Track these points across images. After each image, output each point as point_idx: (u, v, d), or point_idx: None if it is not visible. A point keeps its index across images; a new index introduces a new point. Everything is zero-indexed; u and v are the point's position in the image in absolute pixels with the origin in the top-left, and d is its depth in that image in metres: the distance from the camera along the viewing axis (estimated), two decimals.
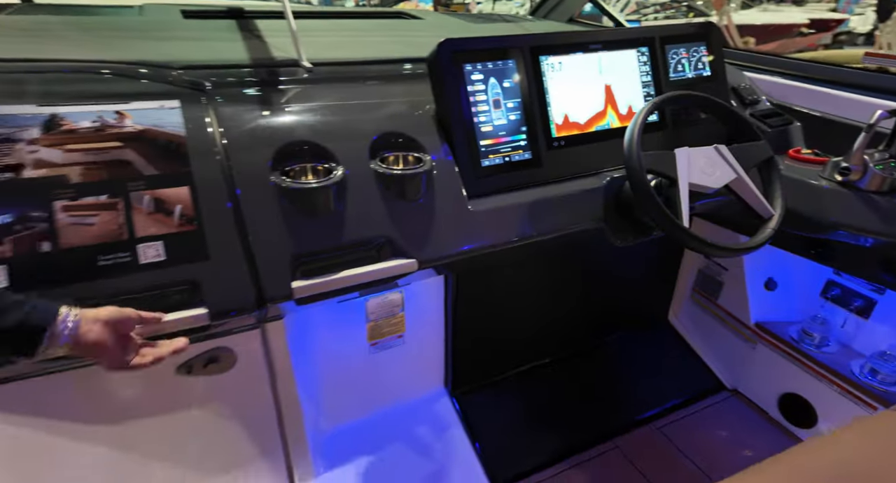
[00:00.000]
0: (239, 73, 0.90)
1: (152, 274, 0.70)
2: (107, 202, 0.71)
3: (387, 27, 1.41)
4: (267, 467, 1.01)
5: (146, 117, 0.78)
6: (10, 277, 0.63)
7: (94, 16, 1.27)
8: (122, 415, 0.83)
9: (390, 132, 0.87)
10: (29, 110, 0.73)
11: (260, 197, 0.77)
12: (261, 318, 0.84)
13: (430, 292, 1.18)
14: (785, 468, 0.61)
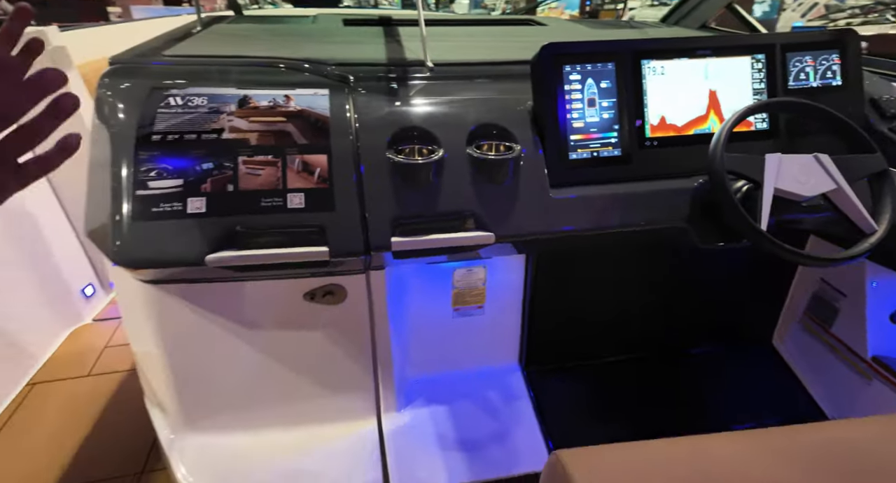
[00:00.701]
0: (375, 69, 1.11)
1: (294, 216, 0.93)
2: (271, 160, 0.96)
3: (510, 33, 1.54)
4: (360, 392, 1.23)
5: (304, 101, 1.02)
6: (207, 205, 0.91)
7: (282, 23, 1.61)
8: (264, 322, 1.09)
9: (488, 123, 1.01)
10: (230, 91, 1.01)
11: (376, 167, 0.96)
12: (367, 265, 1.05)
13: (512, 271, 1.30)
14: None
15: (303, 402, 1.20)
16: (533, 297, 1.33)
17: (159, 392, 1.17)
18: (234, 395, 1.16)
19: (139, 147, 0.91)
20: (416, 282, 1.25)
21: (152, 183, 0.89)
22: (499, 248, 1.07)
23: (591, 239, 1.09)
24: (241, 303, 1.06)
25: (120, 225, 0.87)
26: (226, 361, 1.11)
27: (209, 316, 1.05)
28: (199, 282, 1.00)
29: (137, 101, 0.95)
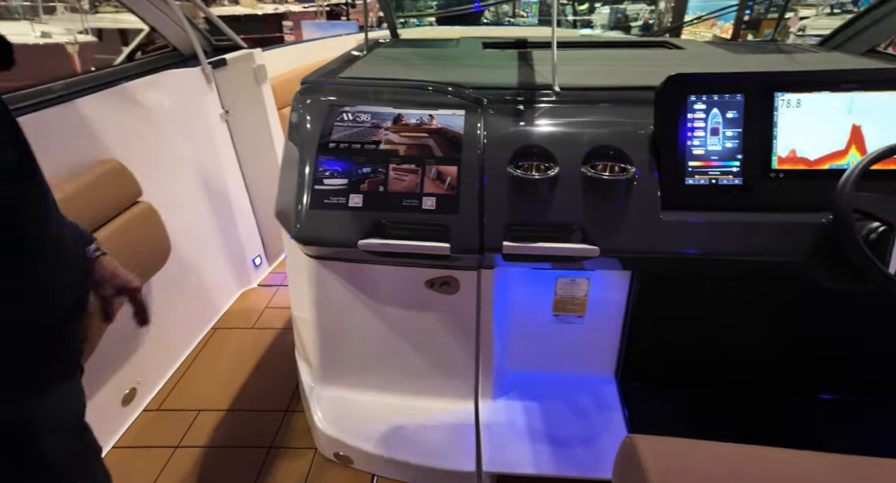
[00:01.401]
0: (507, 93, 1.26)
1: (426, 215, 1.12)
2: (413, 169, 1.17)
3: (642, 57, 1.58)
4: (461, 376, 1.39)
5: (444, 120, 1.21)
6: (363, 201, 1.14)
7: (430, 47, 1.85)
8: (391, 302, 1.31)
9: (605, 145, 1.10)
10: (388, 110, 1.24)
11: (497, 179, 1.11)
12: (479, 263, 1.20)
13: (615, 286, 1.35)
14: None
15: (413, 375, 1.40)
16: (635, 314, 1.37)
17: (307, 348, 1.46)
18: (361, 359, 1.40)
19: (319, 152, 1.17)
20: (521, 284, 1.37)
21: (326, 180, 1.15)
22: (603, 261, 1.14)
23: (703, 263, 1.11)
24: (376, 283, 1.28)
25: (301, 211, 1.14)
26: (359, 330, 1.35)
27: (352, 291, 1.30)
28: (349, 261, 1.24)
29: (320, 115, 1.22)
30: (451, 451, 1.30)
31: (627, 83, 1.24)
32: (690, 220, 1.07)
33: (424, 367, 1.39)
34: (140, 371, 1.60)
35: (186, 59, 1.90)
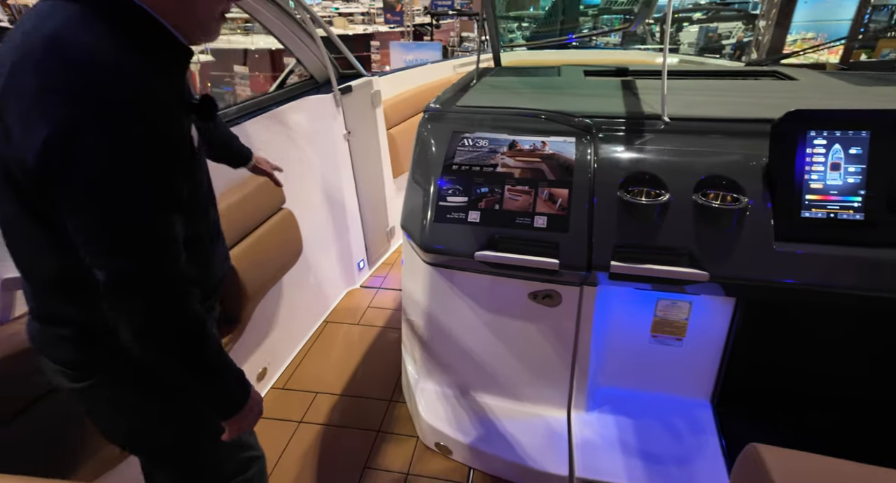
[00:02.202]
0: (616, 122, 1.34)
1: (537, 233, 1.23)
2: (527, 190, 1.29)
3: (752, 88, 1.58)
4: (556, 385, 1.47)
5: (556, 146, 1.32)
6: (480, 217, 1.28)
7: (534, 76, 1.97)
8: (496, 310, 1.43)
9: (717, 175, 1.14)
10: (504, 136, 1.38)
11: (607, 203, 1.20)
12: (583, 280, 1.29)
13: (717, 311, 1.37)
14: None
15: (511, 379, 1.50)
16: (737, 340, 1.37)
17: (414, 343, 1.63)
18: (464, 359, 1.53)
19: (444, 173, 1.33)
20: (621, 302, 1.43)
21: (449, 198, 1.31)
22: (707, 287, 1.18)
23: (817, 295, 1.12)
24: (483, 291, 1.41)
25: (426, 223, 1.30)
26: (464, 333, 1.49)
27: (461, 296, 1.44)
28: (463, 270, 1.38)
29: (443, 140, 1.39)
30: (545, 455, 1.38)
31: (739, 115, 1.27)
32: (805, 253, 1.08)
33: (522, 374, 1.49)
34: (270, 354, 1.86)
35: (320, 85, 2.19)
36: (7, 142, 0.61)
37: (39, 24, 0.61)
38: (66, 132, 0.58)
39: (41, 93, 0.58)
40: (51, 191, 0.61)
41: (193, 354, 0.72)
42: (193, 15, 0.69)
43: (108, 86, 0.59)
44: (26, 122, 0.59)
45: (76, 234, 0.63)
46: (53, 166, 0.59)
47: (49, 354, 0.78)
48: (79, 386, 0.78)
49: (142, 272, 0.64)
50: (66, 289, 0.72)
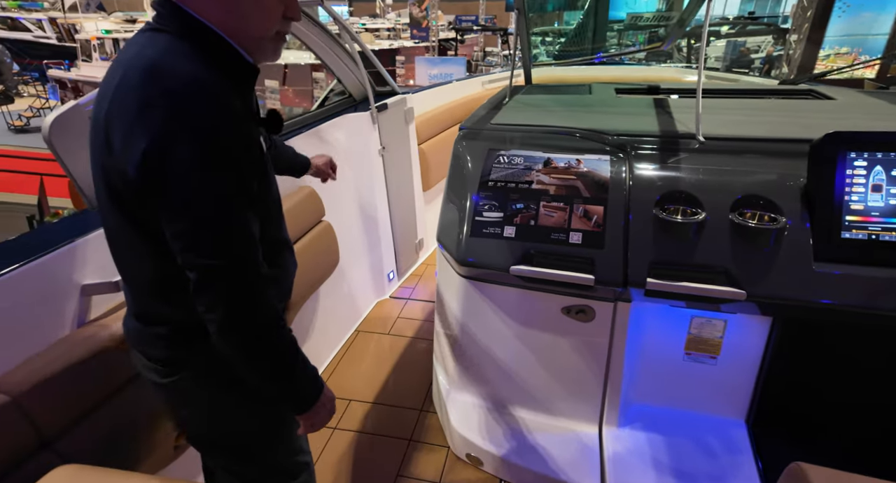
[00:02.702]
0: (650, 140, 1.37)
1: (573, 249, 1.26)
2: (562, 207, 1.32)
3: (788, 107, 1.58)
4: (588, 401, 1.48)
5: (590, 164, 1.36)
6: (516, 233, 1.31)
7: (565, 94, 2.01)
8: (529, 323, 1.46)
9: (754, 194, 1.16)
10: (538, 154, 1.42)
11: (642, 221, 1.22)
12: (616, 296, 1.31)
13: (753, 330, 1.36)
14: None
15: (543, 393, 1.52)
16: (773, 360, 1.36)
17: (446, 354, 1.66)
18: (496, 371, 1.56)
19: (480, 189, 1.38)
20: (655, 319, 1.44)
21: (485, 213, 1.35)
22: (742, 305, 1.19)
23: (857, 316, 1.11)
24: (517, 304, 1.44)
25: (462, 237, 1.34)
26: (497, 345, 1.52)
27: (495, 309, 1.47)
28: (496, 284, 1.42)
29: (479, 157, 1.43)
30: (576, 469, 1.39)
31: (776, 135, 1.29)
32: (845, 274, 1.08)
33: (554, 387, 1.50)
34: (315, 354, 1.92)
35: (358, 103, 2.28)
36: (110, 155, 0.70)
37: (139, 52, 0.71)
38: (163, 144, 0.66)
39: (141, 110, 0.66)
40: (149, 200, 0.70)
41: (271, 348, 0.78)
42: (248, 34, 0.76)
43: (197, 102, 0.67)
44: (128, 137, 0.67)
45: (172, 238, 0.71)
46: (152, 175, 0.67)
47: (143, 351, 0.86)
48: (167, 381, 0.85)
49: (228, 269, 0.71)
50: (162, 291, 0.80)
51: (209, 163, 0.68)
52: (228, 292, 0.72)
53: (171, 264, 0.73)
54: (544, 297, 1.40)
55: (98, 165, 0.74)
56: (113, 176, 0.71)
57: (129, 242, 0.78)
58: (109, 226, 0.80)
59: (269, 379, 0.80)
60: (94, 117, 0.74)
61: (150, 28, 0.74)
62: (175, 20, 0.72)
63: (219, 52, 0.74)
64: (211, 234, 0.70)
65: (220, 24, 0.74)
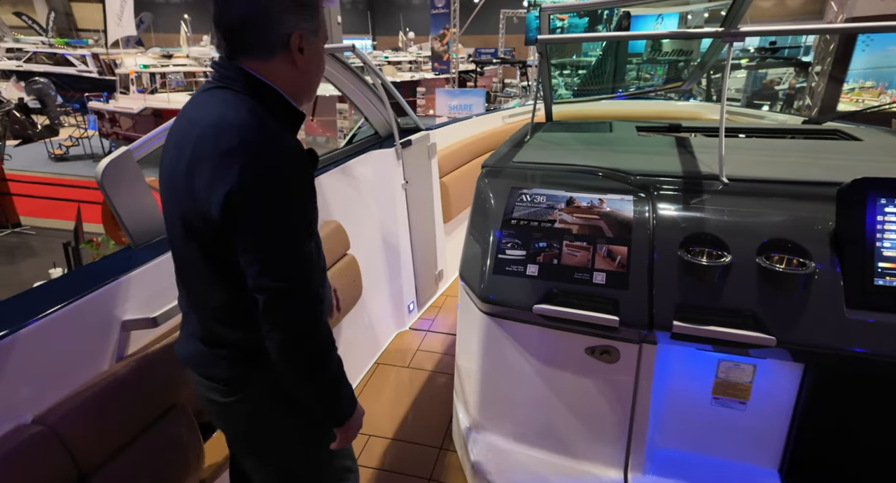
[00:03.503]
0: (673, 181, 1.38)
1: (596, 289, 1.26)
2: (585, 246, 1.33)
3: (814, 148, 1.57)
4: (613, 444, 1.44)
5: (613, 204, 1.37)
6: (539, 271, 1.32)
7: (586, 131, 2.04)
8: (551, 363, 1.44)
9: (780, 238, 1.15)
10: (561, 193, 1.44)
11: (667, 262, 1.22)
12: (641, 338, 1.29)
13: (784, 376, 1.32)
14: None
15: (566, 435, 1.49)
16: (807, 408, 1.31)
17: (467, 392, 1.65)
18: (518, 411, 1.54)
19: (503, 227, 1.40)
20: (681, 362, 1.41)
21: (508, 251, 1.37)
22: (774, 351, 1.16)
23: (892, 367, 1.08)
24: (539, 343, 1.44)
25: (485, 274, 1.36)
26: (519, 384, 1.50)
27: (517, 348, 1.46)
28: (519, 321, 1.42)
29: (502, 195, 1.46)
30: None
31: (802, 177, 1.28)
32: (880, 322, 1.05)
33: (578, 430, 1.47)
34: None
35: (383, 140, 2.35)
36: (194, 201, 0.82)
37: (215, 111, 0.83)
38: (244, 186, 0.78)
39: (222, 159, 0.78)
40: (225, 235, 0.81)
41: (327, 363, 0.88)
42: (310, 89, 0.93)
43: (268, 150, 0.80)
44: (211, 183, 0.79)
45: (247, 265, 0.81)
46: (232, 214, 0.79)
47: (206, 372, 0.94)
48: (229, 400, 0.93)
49: (295, 291, 0.82)
50: (230, 316, 0.90)
51: (282, 201, 0.80)
52: (295, 311, 0.83)
53: (238, 292, 0.85)
54: (568, 337, 1.39)
55: (177, 208, 0.85)
56: (194, 217, 0.82)
57: (203, 273, 0.88)
58: (185, 257, 0.90)
59: (319, 393, 0.89)
60: (170, 169, 0.86)
61: (216, 86, 0.86)
62: (240, 80, 0.85)
63: (277, 105, 0.87)
64: (282, 260, 0.81)
65: (287, 86, 0.88)
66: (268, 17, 0.83)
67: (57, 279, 1.05)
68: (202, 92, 0.87)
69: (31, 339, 0.91)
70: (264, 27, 0.83)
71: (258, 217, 0.79)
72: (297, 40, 0.86)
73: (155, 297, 1.11)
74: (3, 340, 0.86)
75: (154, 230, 1.20)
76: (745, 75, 8.61)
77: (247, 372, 0.92)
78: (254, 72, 0.85)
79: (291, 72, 0.88)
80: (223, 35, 0.85)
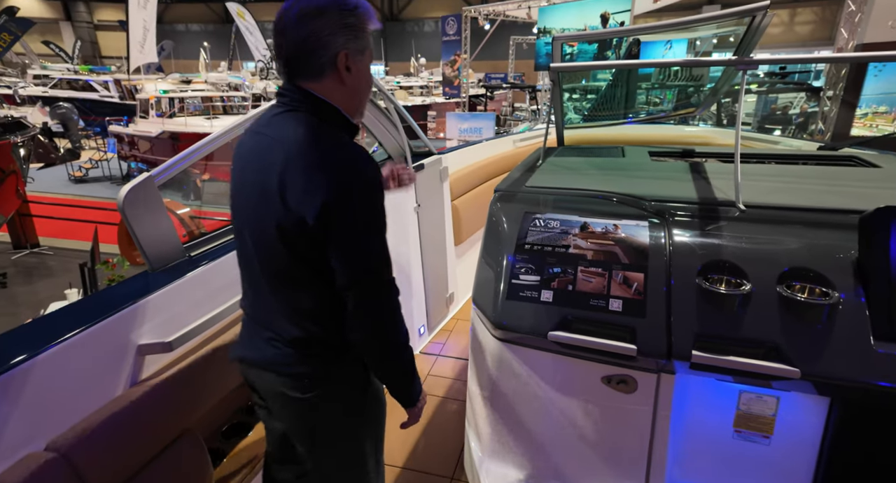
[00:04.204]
0: (689, 207, 1.36)
1: (613, 316, 1.24)
2: (600, 272, 1.32)
3: (831, 175, 1.56)
4: (630, 477, 1.39)
5: (629, 230, 1.36)
6: (553, 297, 1.31)
7: (598, 156, 2.05)
8: (566, 391, 1.41)
9: (802, 267, 1.13)
10: (575, 218, 1.43)
11: (685, 290, 1.20)
12: (660, 367, 1.26)
13: (809, 410, 1.28)
14: None
15: (582, 467, 1.44)
16: (834, 442, 1.26)
17: (479, 419, 1.61)
18: (532, 441, 1.49)
19: (516, 251, 1.39)
20: (700, 392, 1.37)
21: (522, 276, 1.36)
22: (798, 384, 1.12)
23: None
24: (554, 371, 1.41)
25: (498, 300, 1.34)
26: (533, 413, 1.47)
27: (531, 375, 1.44)
28: (533, 348, 1.39)
29: (515, 220, 1.46)
30: None
31: (821, 204, 1.27)
32: None
33: (594, 461, 1.43)
34: None
35: None
36: (287, 212, 0.92)
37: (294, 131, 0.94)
38: (339, 194, 0.90)
39: (312, 173, 0.90)
40: (319, 241, 0.92)
41: (405, 350, 1.02)
42: (361, 105, 1.06)
43: (352, 162, 0.92)
44: (305, 194, 0.90)
45: (341, 264, 0.93)
46: (328, 219, 0.90)
47: (290, 371, 1.03)
48: (308, 395, 1.03)
49: (382, 281, 0.97)
50: (318, 316, 1.01)
51: (369, 206, 0.93)
52: (384, 300, 0.97)
53: (327, 293, 0.97)
54: (583, 365, 1.36)
55: (269, 220, 0.94)
56: (289, 227, 0.92)
57: (294, 278, 0.98)
58: (278, 265, 0.99)
59: (403, 371, 1.04)
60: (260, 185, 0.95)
61: (286, 110, 0.97)
62: (307, 102, 0.97)
63: (338, 121, 0.99)
64: (371, 256, 0.95)
65: (340, 102, 0.99)
66: (317, 40, 0.92)
67: (76, 303, 1.06)
68: (275, 115, 0.99)
69: (48, 364, 0.91)
70: (315, 49, 0.93)
71: (351, 220, 0.92)
72: (343, 59, 0.95)
73: (171, 320, 1.11)
74: (20, 367, 0.87)
75: (171, 254, 1.21)
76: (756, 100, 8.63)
77: (329, 369, 1.03)
78: (318, 94, 0.97)
79: (342, 89, 0.98)
80: (283, 61, 0.96)
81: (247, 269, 1.06)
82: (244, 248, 1.03)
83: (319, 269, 0.94)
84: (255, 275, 1.03)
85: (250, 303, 1.07)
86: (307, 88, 0.96)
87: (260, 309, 1.05)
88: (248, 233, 1.00)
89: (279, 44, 0.95)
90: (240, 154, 1.01)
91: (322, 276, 0.95)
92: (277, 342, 1.02)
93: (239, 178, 1.01)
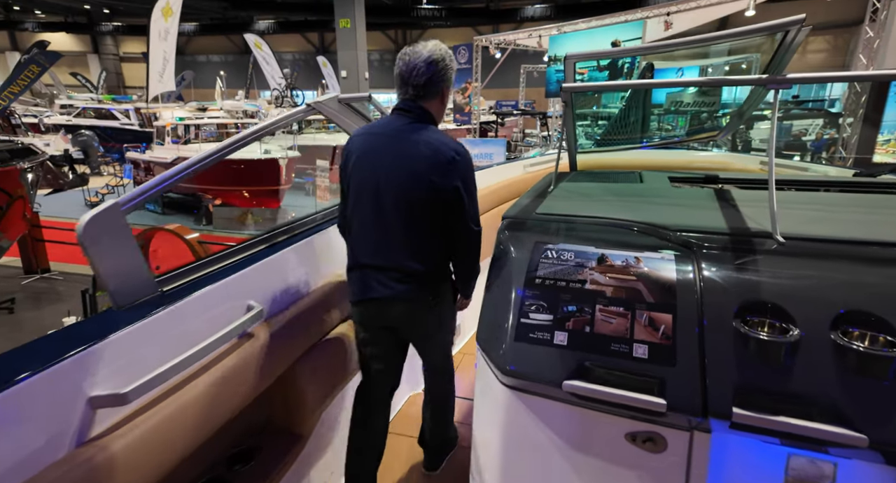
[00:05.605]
0: (719, 238, 1.21)
1: (637, 365, 1.08)
2: (622, 312, 1.16)
3: (872, 204, 1.41)
4: None
5: (652, 263, 1.21)
6: (568, 340, 1.15)
7: (613, 181, 1.92)
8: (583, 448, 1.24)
9: (863, 311, 0.96)
10: (591, 249, 1.29)
11: (721, 334, 1.03)
12: (693, 425, 1.09)
13: (874, 479, 1.09)
14: None
15: None
16: None
17: (485, 471, 1.43)
18: None
19: (526, 286, 1.24)
20: (740, 453, 1.18)
21: (532, 315, 1.20)
22: (862, 451, 0.94)
23: None
24: (570, 424, 1.23)
25: (505, 342, 1.19)
26: (545, 469, 1.28)
27: (543, 429, 1.26)
28: (544, 397, 1.23)
29: (524, 250, 1.31)
30: None
31: (870, 237, 1.11)
32: None
33: None
34: (331, 468, 1.72)
35: None
36: (434, 191, 1.45)
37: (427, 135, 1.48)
38: (464, 178, 1.49)
39: (449, 165, 1.46)
40: (448, 208, 1.48)
41: (478, 266, 1.64)
42: (441, 116, 1.60)
43: (466, 156, 1.51)
44: (446, 179, 1.45)
45: (459, 220, 1.50)
46: (458, 194, 1.47)
47: (419, 296, 1.55)
48: (435, 308, 1.60)
49: (479, 229, 1.56)
50: (436, 255, 1.55)
51: (475, 182, 1.54)
52: (478, 242, 1.57)
53: (439, 240, 1.53)
54: (604, 420, 1.19)
55: (416, 193, 1.46)
56: (434, 199, 1.46)
57: (425, 233, 1.51)
58: (416, 224, 1.49)
59: (472, 281, 1.66)
60: (408, 169, 1.46)
61: (413, 120, 1.50)
62: (424, 116, 1.52)
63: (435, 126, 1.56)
64: (477, 216, 1.55)
65: (437, 115, 1.56)
66: (438, 76, 1.49)
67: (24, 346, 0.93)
68: (406, 124, 1.49)
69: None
70: (436, 83, 1.50)
71: (470, 194, 1.50)
72: (446, 90, 1.54)
73: (129, 367, 0.97)
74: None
75: (140, 290, 1.09)
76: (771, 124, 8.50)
77: (440, 287, 1.59)
78: (428, 109, 1.53)
79: (440, 108, 1.57)
80: (412, 87, 1.48)
81: (378, 228, 1.49)
82: (378, 212, 1.48)
83: (442, 223, 1.48)
84: (388, 230, 1.48)
85: (376, 254, 1.50)
86: (424, 106, 1.51)
87: (391, 256, 1.49)
88: (389, 200, 1.46)
89: (410, 74, 1.47)
90: (373, 147, 1.50)
91: (442, 228, 1.49)
92: (407, 281, 1.51)
93: (374, 161, 1.48)
